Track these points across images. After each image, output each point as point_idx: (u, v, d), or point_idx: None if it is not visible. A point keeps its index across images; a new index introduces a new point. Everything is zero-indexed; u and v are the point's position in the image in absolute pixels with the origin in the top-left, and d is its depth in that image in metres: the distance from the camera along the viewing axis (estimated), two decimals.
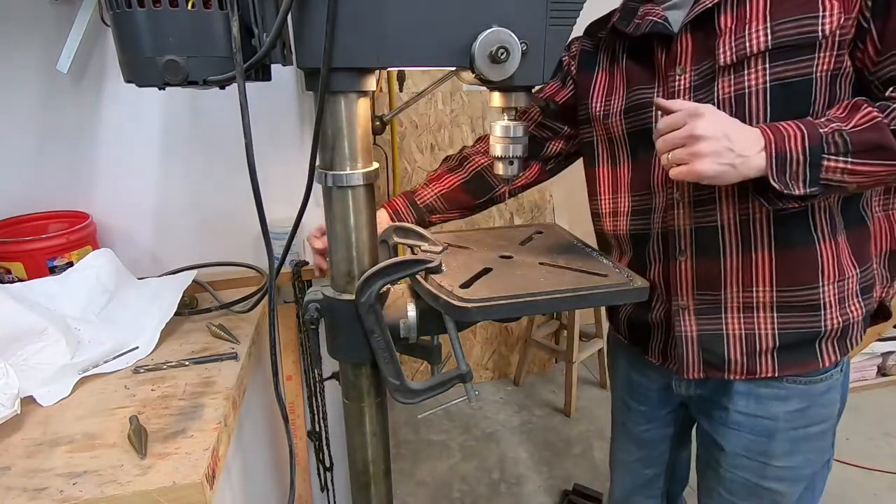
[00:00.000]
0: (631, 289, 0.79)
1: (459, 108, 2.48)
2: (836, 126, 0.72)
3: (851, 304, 0.89)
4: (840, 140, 0.72)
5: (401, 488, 2.13)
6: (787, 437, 0.95)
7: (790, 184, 0.73)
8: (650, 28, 0.88)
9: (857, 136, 0.71)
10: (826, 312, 0.88)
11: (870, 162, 0.72)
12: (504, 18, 0.71)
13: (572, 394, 2.56)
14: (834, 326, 0.88)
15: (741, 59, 0.81)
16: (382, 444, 0.93)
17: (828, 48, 0.77)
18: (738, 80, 0.82)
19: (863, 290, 0.90)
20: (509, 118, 0.85)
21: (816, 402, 0.94)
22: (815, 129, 0.73)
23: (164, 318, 1.02)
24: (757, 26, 0.80)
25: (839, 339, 0.90)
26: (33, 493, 0.67)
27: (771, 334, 0.89)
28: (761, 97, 0.81)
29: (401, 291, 0.87)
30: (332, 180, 0.78)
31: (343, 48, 0.68)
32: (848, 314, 0.89)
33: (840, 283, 0.87)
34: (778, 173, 0.73)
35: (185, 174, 1.27)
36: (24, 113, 1.15)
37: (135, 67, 0.69)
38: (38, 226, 1.18)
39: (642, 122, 0.94)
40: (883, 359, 2.69)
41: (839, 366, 0.94)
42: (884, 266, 0.94)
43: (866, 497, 2.06)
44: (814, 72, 0.78)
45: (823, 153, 0.72)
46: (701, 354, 0.95)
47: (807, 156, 0.72)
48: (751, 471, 0.98)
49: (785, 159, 0.73)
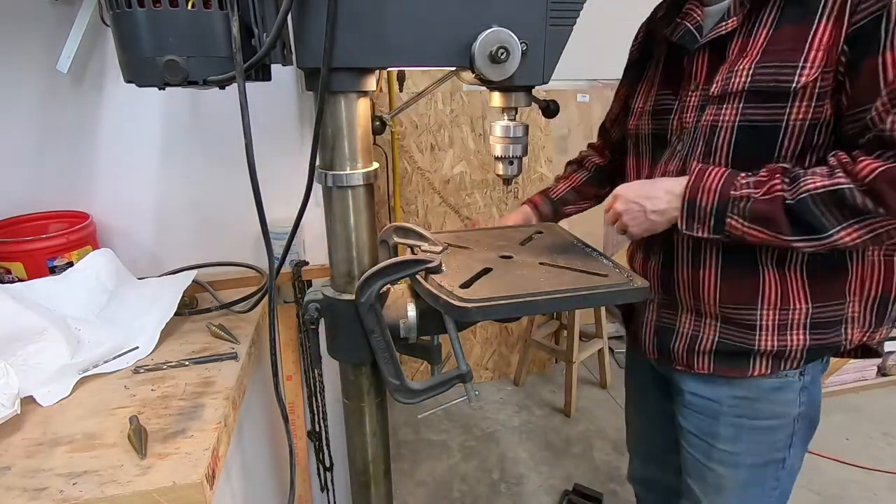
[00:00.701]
0: (631, 289, 0.79)
1: (459, 108, 2.48)
2: (745, 193, 0.82)
3: (794, 334, 0.92)
4: (743, 206, 0.82)
5: (401, 488, 2.13)
6: (731, 423, 1.00)
7: (696, 228, 0.86)
8: (679, 38, 0.93)
9: (755, 206, 0.80)
10: (761, 334, 0.93)
11: (759, 229, 0.81)
12: (504, 18, 0.71)
13: (572, 394, 2.56)
14: (767, 348, 0.93)
15: (723, 94, 0.86)
16: (382, 444, 0.93)
17: (804, 98, 0.80)
18: (717, 112, 0.88)
19: (815, 324, 0.92)
20: (509, 118, 0.85)
21: (766, 397, 0.97)
22: (727, 190, 0.83)
23: (164, 318, 1.02)
24: (744, 65, 0.84)
25: (773, 357, 0.94)
26: (33, 493, 0.67)
27: (712, 339, 0.97)
28: (728, 134, 0.87)
29: (401, 291, 0.87)
30: (332, 180, 0.78)
31: (343, 48, 0.68)
32: (787, 341, 0.92)
33: (783, 311, 0.91)
34: (688, 218, 0.87)
35: (185, 174, 1.27)
36: (24, 113, 1.15)
37: (135, 67, 0.69)
38: (38, 226, 1.17)
39: (661, 126, 1.00)
40: (883, 359, 2.69)
41: (799, 369, 0.96)
42: (868, 309, 0.93)
43: (866, 497, 2.06)
44: (785, 120, 0.82)
45: (728, 212, 0.83)
46: (655, 341, 1.06)
47: (714, 210, 0.84)
48: (700, 450, 1.06)
49: (695, 209, 0.86)
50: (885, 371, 2.72)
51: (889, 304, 0.92)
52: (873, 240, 0.78)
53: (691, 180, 0.86)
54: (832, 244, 0.78)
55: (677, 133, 0.96)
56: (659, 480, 1.32)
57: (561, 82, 2.79)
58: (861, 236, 0.77)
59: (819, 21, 0.78)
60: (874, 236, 0.77)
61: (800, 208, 0.77)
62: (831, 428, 2.42)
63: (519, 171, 0.92)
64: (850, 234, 0.77)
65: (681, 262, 0.98)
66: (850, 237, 0.77)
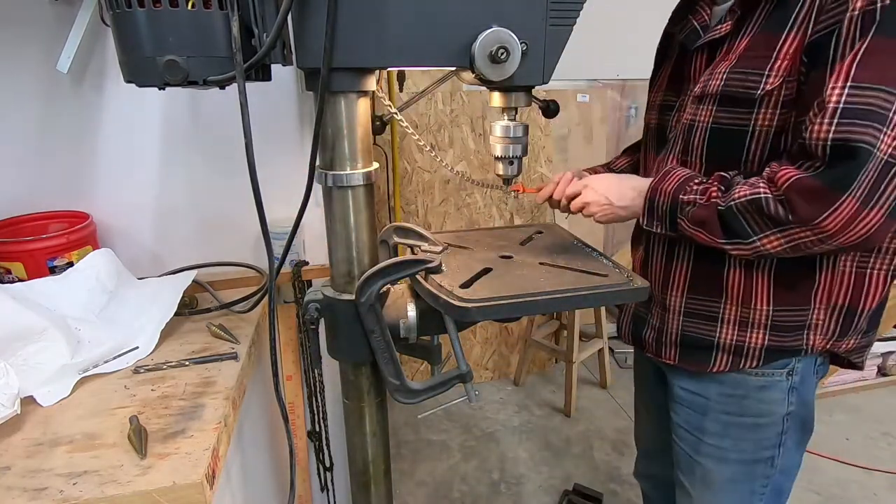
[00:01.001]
0: (630, 289, 0.79)
1: (459, 108, 2.48)
2: (691, 198, 0.87)
3: (753, 333, 0.95)
4: (688, 210, 0.87)
5: (401, 488, 2.13)
6: (718, 419, 1.03)
7: (655, 225, 0.93)
8: (684, 37, 0.96)
9: (696, 211, 0.86)
10: (722, 327, 0.97)
11: (699, 231, 0.86)
12: (504, 18, 0.71)
13: (572, 394, 2.56)
14: (726, 341, 0.97)
15: (702, 95, 0.90)
16: (382, 444, 0.93)
17: (769, 105, 0.82)
18: (695, 112, 0.92)
19: (774, 326, 0.93)
20: (509, 118, 0.85)
21: (753, 395, 0.99)
22: (678, 195, 0.88)
23: (164, 318, 1.02)
24: (722, 69, 0.87)
25: (733, 354, 0.97)
26: (33, 493, 0.67)
27: (675, 332, 1.02)
28: (702, 134, 0.91)
29: (401, 291, 0.87)
30: (332, 180, 0.78)
31: (343, 48, 0.68)
32: (745, 338, 0.95)
33: (744, 308, 0.94)
34: (649, 216, 0.93)
35: (185, 174, 1.27)
36: (24, 113, 1.15)
37: (135, 67, 0.69)
38: (38, 226, 1.17)
39: (664, 122, 1.03)
40: (883, 359, 2.69)
41: (786, 368, 0.96)
42: (833, 318, 0.93)
43: (866, 497, 2.06)
44: (751, 125, 0.85)
45: (678, 214, 0.88)
46: (630, 329, 1.13)
47: (668, 211, 0.90)
48: (688, 444, 1.09)
49: (654, 208, 0.92)
50: (885, 371, 2.72)
51: (856, 315, 0.93)
52: (793, 249, 0.80)
53: (654, 181, 0.92)
54: (756, 251, 0.82)
55: (673, 130, 0.99)
56: (662, 477, 1.32)
57: (561, 82, 2.79)
58: (781, 244, 0.80)
59: (789, 31, 0.80)
60: (793, 245, 0.79)
61: (728, 215, 0.82)
62: (831, 428, 2.42)
63: (519, 171, 0.92)
64: (770, 241, 0.80)
65: (656, 252, 1.03)
66: (771, 245, 0.80)
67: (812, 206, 0.74)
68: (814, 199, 0.74)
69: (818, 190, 0.74)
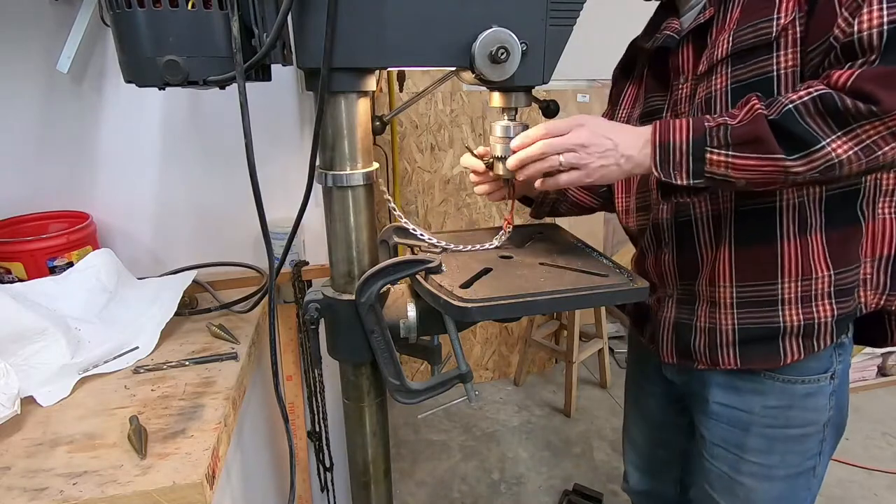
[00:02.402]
0: (631, 289, 0.79)
1: (459, 108, 2.48)
2: (721, 121, 0.75)
3: (820, 305, 0.88)
4: (722, 133, 0.74)
5: (401, 488, 2.13)
6: (763, 434, 0.95)
7: (673, 174, 0.77)
8: (662, 42, 0.92)
9: (737, 129, 0.74)
10: (785, 309, 0.88)
11: (748, 155, 0.73)
12: (504, 18, 0.71)
13: (572, 394, 2.56)
14: (794, 323, 0.88)
15: (711, 67, 0.85)
16: (382, 444, 0.93)
17: (788, 46, 0.78)
18: (708, 85, 0.85)
19: (838, 291, 0.88)
20: (509, 118, 0.85)
21: (798, 404, 0.93)
22: (701, 123, 0.76)
23: (164, 318, 1.02)
24: (725, 36, 0.83)
25: (804, 337, 0.89)
26: (33, 493, 0.67)
27: (731, 329, 0.92)
28: (723, 98, 0.83)
29: (401, 291, 0.87)
30: (332, 180, 0.78)
31: (343, 48, 0.68)
32: (813, 314, 0.88)
33: (805, 281, 0.87)
34: (662, 163, 0.77)
35: (185, 174, 1.27)
36: (24, 113, 1.15)
37: (135, 67, 0.69)
38: (38, 226, 1.17)
39: None
40: (883, 359, 2.69)
41: (829, 372, 0.92)
42: (883, 270, 0.90)
43: (866, 497, 2.06)
44: (774, 70, 0.79)
45: (706, 146, 0.75)
46: (674, 342, 1.00)
47: (690, 147, 0.76)
48: (727, 463, 1.00)
49: (668, 149, 0.77)
50: (885, 371, 2.72)
51: None
52: (864, 151, 0.71)
53: (657, 125, 0.79)
54: (827, 159, 0.71)
55: None
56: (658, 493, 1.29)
57: (561, 82, 2.79)
58: (851, 147, 0.71)
59: None
60: (863, 147, 0.70)
61: (786, 121, 0.71)
62: None
63: None
64: (841, 145, 0.71)
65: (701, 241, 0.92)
66: (842, 149, 0.71)
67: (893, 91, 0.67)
68: (893, 84, 0.67)
69: (894, 74, 0.68)
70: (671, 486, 1.25)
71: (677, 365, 1.03)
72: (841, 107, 0.69)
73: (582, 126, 0.78)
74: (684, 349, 0.99)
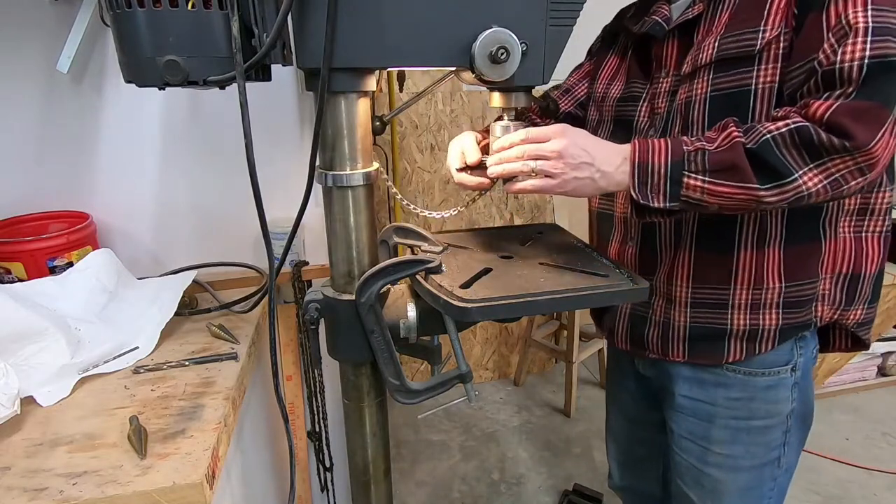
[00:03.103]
0: (631, 289, 0.79)
1: (459, 108, 2.48)
2: (700, 145, 0.76)
3: (766, 313, 0.90)
4: (700, 159, 0.75)
5: (401, 488, 2.13)
6: (727, 425, 0.98)
7: (651, 196, 0.78)
8: (648, 28, 0.92)
9: (714, 155, 0.74)
10: (734, 313, 0.91)
11: (724, 182, 0.74)
12: (504, 18, 0.71)
13: (572, 394, 2.56)
14: (740, 327, 0.91)
15: (694, 70, 0.85)
16: (382, 444, 0.93)
17: (769, 61, 0.78)
18: (689, 89, 0.86)
19: (787, 303, 0.90)
20: (509, 118, 0.85)
21: (760, 396, 0.96)
22: (679, 147, 0.76)
23: (164, 318, 1.02)
24: (711, 41, 0.83)
25: (747, 341, 0.92)
26: (33, 493, 0.67)
27: (683, 326, 0.95)
28: (701, 105, 0.84)
29: (401, 291, 0.87)
30: (332, 180, 0.78)
31: (343, 48, 0.68)
32: (759, 321, 0.91)
33: (756, 290, 0.89)
34: (640, 185, 0.78)
35: (185, 174, 1.27)
36: (24, 113, 1.15)
37: (135, 67, 0.69)
38: (38, 226, 1.17)
39: (628, 113, 0.98)
40: (883, 359, 2.69)
41: (789, 364, 0.94)
42: (839, 287, 0.92)
43: (866, 497, 2.06)
44: (753, 83, 0.80)
45: (684, 170, 0.76)
46: (628, 330, 1.05)
47: (668, 170, 0.76)
48: (694, 455, 1.03)
49: (647, 171, 0.77)
50: (885, 371, 2.72)
51: (860, 282, 0.91)
52: (832, 185, 0.73)
53: (636, 144, 0.79)
54: (798, 192, 0.73)
55: (648, 119, 0.94)
56: (640, 490, 1.30)
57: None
58: (821, 181, 0.73)
59: None
60: (832, 180, 0.73)
61: (763, 151, 0.72)
62: (831, 428, 2.42)
63: None
64: (812, 177, 0.72)
65: (662, 242, 0.95)
66: (812, 181, 0.72)
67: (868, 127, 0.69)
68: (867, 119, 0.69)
69: (869, 110, 0.69)
70: (653, 483, 1.26)
71: (630, 352, 1.07)
72: (816, 140, 0.70)
73: (562, 136, 0.78)
74: (638, 338, 1.03)
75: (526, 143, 0.79)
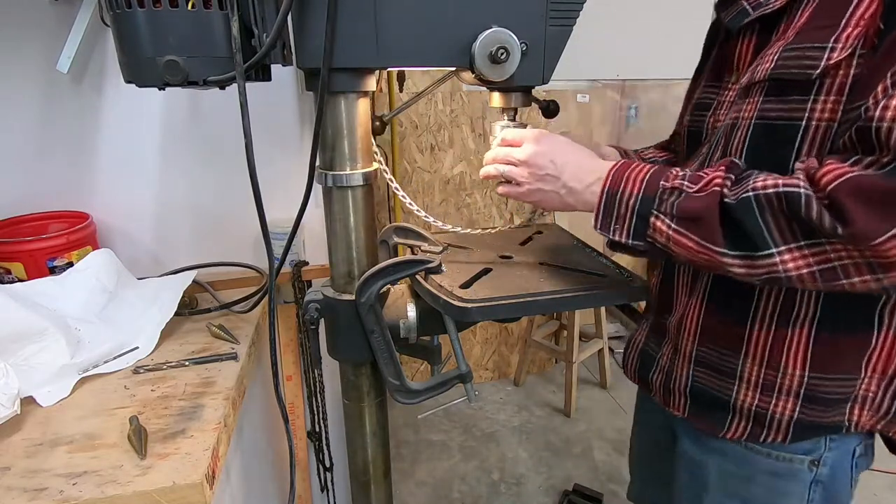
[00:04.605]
0: (630, 289, 0.79)
1: (459, 108, 2.48)
2: (678, 183, 0.65)
3: (781, 400, 0.74)
4: (672, 200, 0.64)
5: (401, 488, 2.13)
6: (718, 500, 0.83)
7: (613, 228, 0.69)
8: (730, 19, 0.73)
9: (685, 202, 0.63)
10: (742, 387, 0.76)
11: (687, 234, 0.63)
12: (504, 18, 0.71)
13: (572, 394, 2.56)
14: (746, 405, 0.76)
15: (749, 85, 0.69)
16: (382, 444, 0.93)
17: (831, 90, 0.61)
18: (739, 108, 0.71)
19: (810, 397, 0.72)
20: (509, 118, 0.85)
21: (761, 481, 0.79)
22: (657, 180, 0.66)
23: (164, 318, 1.02)
24: (775, 50, 0.66)
25: (753, 422, 0.77)
26: (33, 493, 0.67)
27: (686, 379, 0.83)
28: (744, 132, 0.69)
29: (401, 291, 0.87)
30: (331, 180, 0.78)
31: (343, 48, 0.68)
32: (769, 406, 0.74)
33: (770, 371, 0.73)
34: (605, 213, 0.69)
35: (185, 174, 1.27)
36: (24, 113, 1.15)
37: (135, 68, 0.69)
38: (38, 226, 1.17)
39: (697, 124, 0.83)
40: None
41: (809, 455, 0.76)
42: (890, 393, 0.73)
43: (866, 497, 2.05)
44: (805, 116, 0.63)
45: (653, 208, 0.65)
46: (637, 365, 0.95)
47: (637, 204, 0.66)
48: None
49: (616, 198, 0.68)
50: None
51: None
52: (823, 275, 0.58)
53: (615, 166, 0.69)
54: (770, 271, 0.60)
55: (709, 133, 0.79)
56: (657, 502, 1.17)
57: (561, 82, 2.79)
58: (809, 266, 0.58)
59: None
60: (824, 270, 0.58)
61: (739, 211, 0.59)
62: None
63: None
64: (794, 259, 0.58)
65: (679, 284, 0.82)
66: (793, 263, 0.58)
67: (876, 215, 0.53)
68: (879, 206, 0.53)
69: (888, 193, 0.52)
70: None
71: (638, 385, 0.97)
72: (805, 214, 0.56)
73: (534, 142, 0.73)
74: (644, 377, 0.92)
75: (502, 144, 0.76)
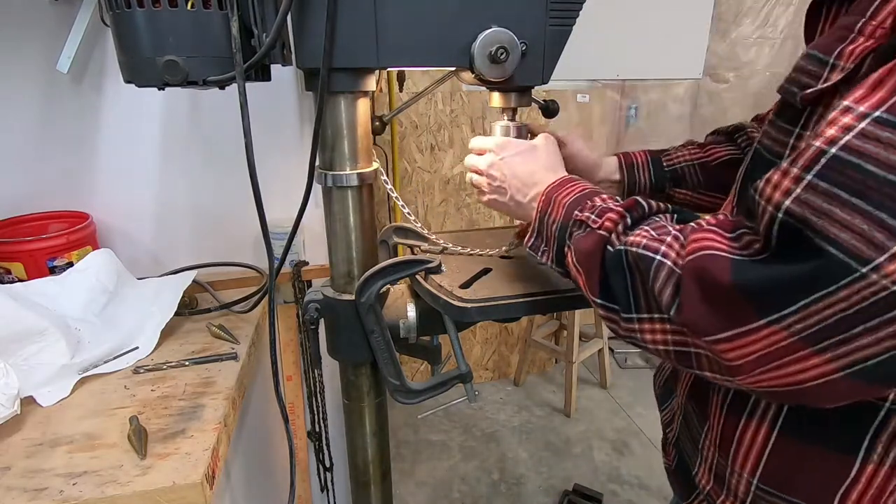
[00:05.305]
0: None
1: (459, 108, 2.48)
2: (585, 217, 0.57)
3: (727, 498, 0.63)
4: (577, 234, 0.58)
5: (401, 488, 2.13)
6: None
7: (542, 250, 0.64)
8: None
9: (580, 240, 0.57)
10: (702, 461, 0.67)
11: (579, 271, 0.57)
12: (504, 18, 0.71)
13: (572, 394, 2.56)
14: (702, 483, 0.67)
15: None
16: (382, 444, 0.93)
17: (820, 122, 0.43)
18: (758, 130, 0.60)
19: None
20: (509, 118, 0.85)
21: None
22: (573, 209, 0.59)
23: (164, 318, 1.02)
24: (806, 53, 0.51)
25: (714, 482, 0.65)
26: (33, 493, 0.67)
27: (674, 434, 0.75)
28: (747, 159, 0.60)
29: (401, 291, 0.87)
30: (331, 180, 0.78)
31: (343, 48, 0.68)
32: (720, 497, 0.64)
33: (721, 457, 0.63)
34: (537, 234, 0.65)
35: (184, 174, 1.27)
36: (24, 113, 1.15)
37: (134, 68, 0.69)
38: (38, 226, 1.17)
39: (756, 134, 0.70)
40: None
41: None
42: None
43: None
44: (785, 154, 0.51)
45: (567, 239, 0.60)
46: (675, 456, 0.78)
47: (557, 231, 0.61)
48: None
49: (545, 220, 0.64)
50: None
51: None
52: (681, 358, 0.49)
53: (551, 186, 0.65)
54: (631, 335, 0.52)
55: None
56: None
57: (561, 82, 2.79)
58: (665, 343, 0.49)
59: None
60: (683, 353, 0.48)
61: (611, 263, 0.52)
62: None
63: None
64: (653, 330, 0.49)
65: None
66: (651, 336, 0.50)
67: (716, 309, 0.42)
68: (723, 300, 0.42)
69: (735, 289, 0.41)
70: None
71: None
72: (650, 284, 0.48)
73: (496, 151, 0.73)
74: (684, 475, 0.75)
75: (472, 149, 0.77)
